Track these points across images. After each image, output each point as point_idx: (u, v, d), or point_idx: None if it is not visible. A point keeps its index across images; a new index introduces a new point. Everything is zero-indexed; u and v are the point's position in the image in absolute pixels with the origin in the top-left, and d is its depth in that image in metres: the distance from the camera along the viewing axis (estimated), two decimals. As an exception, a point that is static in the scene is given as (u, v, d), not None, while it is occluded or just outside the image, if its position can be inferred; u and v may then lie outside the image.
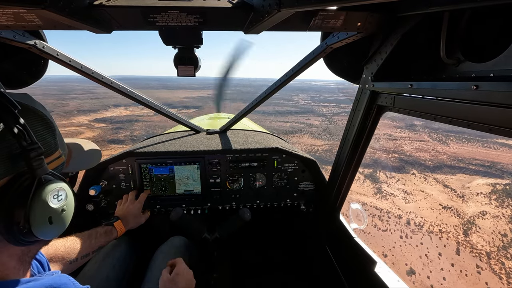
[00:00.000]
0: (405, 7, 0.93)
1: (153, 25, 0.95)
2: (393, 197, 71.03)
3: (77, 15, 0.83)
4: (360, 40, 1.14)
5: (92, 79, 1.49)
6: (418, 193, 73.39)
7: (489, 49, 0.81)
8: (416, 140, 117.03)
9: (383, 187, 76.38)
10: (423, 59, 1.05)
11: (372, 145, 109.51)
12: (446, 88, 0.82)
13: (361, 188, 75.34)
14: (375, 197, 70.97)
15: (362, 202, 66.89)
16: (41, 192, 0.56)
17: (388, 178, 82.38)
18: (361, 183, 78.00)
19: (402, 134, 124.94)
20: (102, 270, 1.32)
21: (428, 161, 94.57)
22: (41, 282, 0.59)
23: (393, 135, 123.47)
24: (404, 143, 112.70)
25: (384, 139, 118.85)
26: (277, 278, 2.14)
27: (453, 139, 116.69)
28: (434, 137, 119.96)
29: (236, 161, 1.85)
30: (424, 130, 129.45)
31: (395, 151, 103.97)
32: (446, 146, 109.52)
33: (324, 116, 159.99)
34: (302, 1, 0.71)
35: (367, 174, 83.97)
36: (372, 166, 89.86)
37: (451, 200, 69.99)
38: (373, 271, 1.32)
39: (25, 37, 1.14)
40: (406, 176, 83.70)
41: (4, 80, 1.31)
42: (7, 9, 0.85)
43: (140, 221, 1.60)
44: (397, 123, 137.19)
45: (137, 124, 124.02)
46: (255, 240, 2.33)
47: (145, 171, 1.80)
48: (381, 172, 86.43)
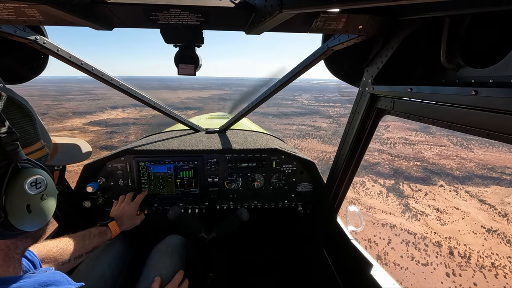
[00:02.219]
0: (406, 11, 0.94)
1: (155, 23, 0.95)
2: (425, 216, 60.35)
3: (78, 11, 0.83)
4: (361, 43, 1.15)
5: (92, 76, 1.47)
6: (452, 211, 62.75)
7: (489, 54, 0.81)
8: (435, 144, 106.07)
9: (411, 203, 65.66)
10: (423, 63, 1.05)
11: (389, 152, 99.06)
12: (446, 93, 0.83)
13: (386, 205, 64.73)
14: (404, 217, 60.16)
15: (390, 223, 56.38)
16: (17, 179, 0.53)
17: (414, 191, 71.53)
18: (384, 198, 67.38)
19: (418, 138, 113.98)
20: (97, 268, 1.31)
21: (455, 170, 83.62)
22: (34, 279, 0.58)
23: (409, 139, 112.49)
24: (423, 149, 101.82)
25: (401, 143, 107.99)
26: (273, 278, 2.15)
27: (475, 143, 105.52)
28: (454, 141, 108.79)
29: (234, 161, 1.85)
30: (441, 133, 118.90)
31: (415, 158, 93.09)
32: (470, 151, 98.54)
33: (331, 117, 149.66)
34: (304, 3, 0.71)
35: (389, 186, 73.21)
36: (394, 176, 79.11)
37: (493, 220, 59.31)
38: (369, 273, 1.33)
39: (26, 32, 1.14)
40: (434, 189, 72.99)
41: (4, 75, 1.30)
42: (9, 3, 0.85)
43: (135, 222, 1.59)
44: (410, 125, 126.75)
45: (133, 127, 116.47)
46: (252, 241, 2.31)
47: (143, 169, 1.79)
48: (404, 183, 75.75)
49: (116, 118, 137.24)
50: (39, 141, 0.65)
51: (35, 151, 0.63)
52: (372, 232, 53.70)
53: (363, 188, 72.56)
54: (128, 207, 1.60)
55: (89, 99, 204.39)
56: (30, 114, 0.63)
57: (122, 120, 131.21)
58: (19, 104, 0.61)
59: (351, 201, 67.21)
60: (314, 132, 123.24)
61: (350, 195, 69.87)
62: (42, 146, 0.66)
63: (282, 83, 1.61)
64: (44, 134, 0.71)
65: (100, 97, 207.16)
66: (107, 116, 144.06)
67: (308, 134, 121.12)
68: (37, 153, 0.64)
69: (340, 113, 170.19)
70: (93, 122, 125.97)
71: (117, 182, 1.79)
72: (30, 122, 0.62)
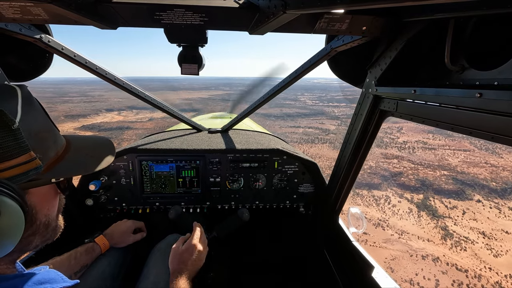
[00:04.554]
0: (410, 13, 0.93)
1: (159, 23, 0.96)
2: (471, 244, 49.70)
3: (83, 10, 0.83)
4: (365, 44, 1.15)
5: (96, 74, 1.48)
6: (501, 235, 52.14)
7: (494, 57, 0.81)
8: (458, 149, 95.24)
9: (449, 225, 54.82)
10: (427, 65, 1.05)
11: (410, 158, 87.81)
12: (450, 95, 0.82)
13: (420, 228, 53.77)
14: (446, 245, 49.20)
15: (431, 255, 45.51)
16: None
17: (448, 209, 60.87)
18: (417, 219, 56.60)
19: (437, 141, 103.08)
20: (97, 266, 1.31)
21: (490, 181, 73.15)
22: (29, 277, 0.57)
23: (428, 142, 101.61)
24: (446, 154, 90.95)
25: (420, 148, 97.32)
26: (274, 279, 2.13)
27: (501, 146, 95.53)
28: (478, 145, 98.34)
29: (236, 161, 1.85)
30: (460, 135, 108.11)
31: (441, 166, 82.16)
32: (499, 157, 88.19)
33: (338, 119, 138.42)
34: (307, 4, 0.71)
35: (418, 202, 62.26)
36: (421, 189, 68.15)
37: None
38: (371, 276, 1.32)
39: (31, 30, 1.15)
40: (471, 205, 62.01)
41: (9, 73, 1.31)
42: (14, 2, 0.85)
43: (126, 239, 1.50)
44: (425, 127, 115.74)
45: (127, 132, 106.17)
46: (253, 241, 2.29)
47: (146, 168, 1.80)
48: (435, 198, 65.10)
49: (111, 121, 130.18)
50: (27, 152, 0.55)
51: (16, 165, 0.54)
52: (413, 269, 42.92)
53: (388, 205, 61.50)
54: (123, 223, 1.55)
55: (85, 101, 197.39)
56: (6, 122, 0.52)
57: (117, 124, 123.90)
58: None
59: (378, 223, 55.81)
60: (323, 136, 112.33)
61: (376, 215, 58.57)
62: (31, 158, 0.56)
63: (286, 83, 1.60)
64: (43, 141, 0.63)
65: (97, 99, 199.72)
66: (102, 119, 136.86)
67: (317, 138, 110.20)
68: (19, 168, 0.54)
69: (347, 113, 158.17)
70: (85, 127, 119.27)
71: (119, 180, 1.80)
72: (6, 131, 0.52)
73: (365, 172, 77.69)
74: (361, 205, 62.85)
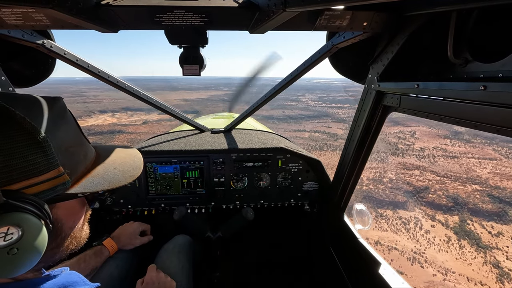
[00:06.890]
0: (411, 7, 0.92)
1: (159, 25, 0.96)
2: (537, 288, 39.31)
3: (84, 14, 0.84)
4: (366, 40, 1.14)
5: (98, 78, 1.50)
6: None
7: (497, 49, 0.80)
8: (483, 158, 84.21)
9: (500, 260, 44.59)
10: (430, 59, 1.04)
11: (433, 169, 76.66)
12: (454, 89, 0.82)
13: (467, 265, 43.07)
14: (507, 290, 39.09)
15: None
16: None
17: (493, 236, 50.48)
18: (459, 250, 46.08)
19: (457, 148, 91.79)
20: (106, 269, 1.32)
21: (533, 198, 63.24)
22: (53, 281, 0.58)
23: (448, 149, 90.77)
24: (471, 164, 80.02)
25: (441, 156, 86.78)
26: (280, 278, 2.13)
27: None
28: (503, 152, 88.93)
29: (240, 161, 1.86)
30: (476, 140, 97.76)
31: (470, 179, 71.42)
32: (532, 167, 78.71)
33: (344, 121, 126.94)
34: (307, 1, 0.71)
35: (455, 227, 51.59)
36: (456, 210, 56.93)
37: None
38: (377, 272, 1.32)
39: (33, 36, 1.16)
40: (519, 231, 52.18)
41: (13, 79, 1.32)
42: (16, 8, 0.86)
43: (134, 242, 1.50)
44: (439, 131, 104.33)
45: (118, 137, 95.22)
46: (258, 240, 2.30)
47: (150, 169, 1.82)
48: (474, 221, 54.72)
49: (103, 124, 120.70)
50: (56, 168, 0.54)
51: (44, 181, 0.52)
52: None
53: (420, 231, 50.42)
54: (129, 225, 1.56)
55: (79, 101, 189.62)
56: (37, 138, 0.49)
57: (109, 127, 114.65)
58: (22, 125, 0.48)
59: (413, 257, 44.25)
60: (332, 142, 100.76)
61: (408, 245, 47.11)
62: (59, 173, 0.54)
63: (287, 82, 1.59)
64: (72, 156, 0.60)
65: (91, 99, 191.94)
66: (94, 121, 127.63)
67: (325, 144, 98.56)
68: (47, 183, 0.53)
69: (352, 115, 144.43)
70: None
71: None
72: (36, 147, 0.50)
73: (386, 187, 65.80)
74: (388, 231, 51.30)
